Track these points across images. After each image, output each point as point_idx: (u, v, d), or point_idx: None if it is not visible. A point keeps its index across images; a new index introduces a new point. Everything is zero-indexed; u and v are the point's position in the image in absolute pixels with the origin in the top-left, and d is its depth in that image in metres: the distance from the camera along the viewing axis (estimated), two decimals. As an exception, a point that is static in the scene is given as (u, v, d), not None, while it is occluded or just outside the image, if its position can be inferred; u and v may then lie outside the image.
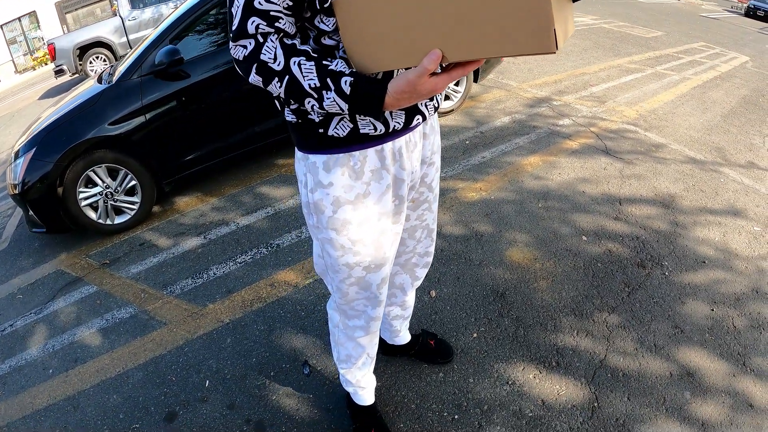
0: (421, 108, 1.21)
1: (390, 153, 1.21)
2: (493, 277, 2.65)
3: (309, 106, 1.04)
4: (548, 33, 0.78)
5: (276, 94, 1.05)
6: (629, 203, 3.26)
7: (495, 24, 0.81)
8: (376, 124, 1.13)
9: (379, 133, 1.15)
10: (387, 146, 1.19)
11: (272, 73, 1.01)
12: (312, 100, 1.01)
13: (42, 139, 3.43)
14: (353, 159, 1.18)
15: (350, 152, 1.17)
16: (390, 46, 0.95)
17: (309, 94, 1.00)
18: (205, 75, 3.62)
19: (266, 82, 1.03)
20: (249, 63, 1.02)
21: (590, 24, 9.85)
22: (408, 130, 1.22)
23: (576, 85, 5.68)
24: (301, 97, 1.02)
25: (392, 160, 1.22)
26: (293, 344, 2.38)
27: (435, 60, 0.86)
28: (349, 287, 1.40)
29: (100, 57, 10.22)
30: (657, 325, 2.30)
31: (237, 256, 3.14)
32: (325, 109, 1.02)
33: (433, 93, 0.95)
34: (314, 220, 1.30)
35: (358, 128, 1.13)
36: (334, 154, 1.17)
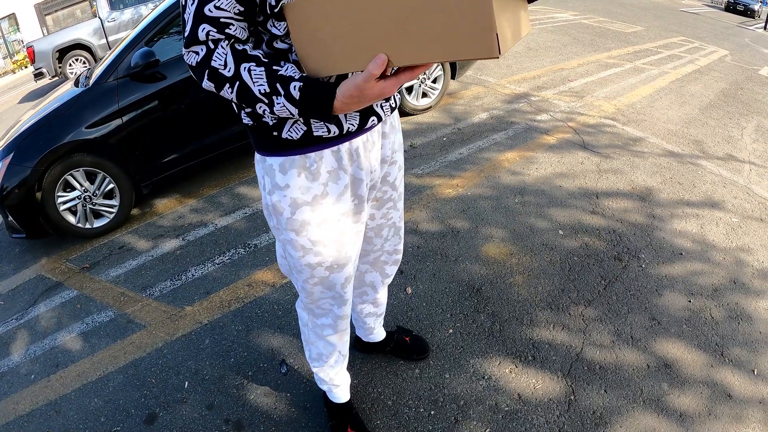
0: (377, 109, 1.22)
1: (347, 153, 1.21)
2: (469, 272, 2.67)
3: (261, 111, 1.05)
4: (490, 37, 0.78)
5: (228, 99, 1.06)
6: (606, 197, 3.29)
7: (438, 29, 0.82)
8: (330, 127, 1.14)
9: (333, 135, 1.16)
10: (343, 147, 1.20)
11: (223, 79, 1.02)
12: (263, 105, 1.02)
13: (19, 144, 3.40)
14: (309, 160, 1.19)
15: (306, 154, 1.18)
16: (339, 51, 0.96)
17: (259, 100, 1.02)
18: (182, 76, 3.61)
19: (218, 87, 1.04)
20: (201, 69, 1.03)
21: (570, 20, 9.91)
22: (364, 131, 1.23)
23: (554, 81, 5.72)
24: (252, 102, 1.03)
25: (349, 161, 1.23)
26: (271, 344, 2.38)
27: (380, 65, 0.88)
28: (314, 287, 1.41)
29: (79, 59, 10.13)
30: (634, 318, 2.33)
31: (215, 257, 3.14)
32: (276, 113, 1.04)
33: (382, 97, 0.96)
34: (274, 222, 1.31)
35: (311, 131, 1.14)
36: (289, 156, 1.18)
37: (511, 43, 0.86)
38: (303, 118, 1.06)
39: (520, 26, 0.92)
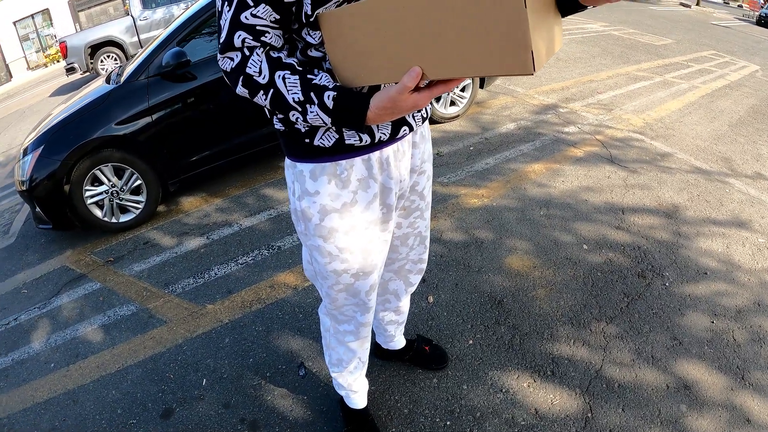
0: (408, 119, 1.22)
1: (377, 162, 1.22)
2: (492, 284, 2.65)
3: (294, 118, 1.05)
4: (525, 55, 0.77)
5: (262, 105, 1.07)
6: (632, 212, 3.25)
7: (473, 45, 0.82)
8: (362, 135, 1.15)
9: (365, 143, 1.16)
10: (374, 155, 1.20)
11: (258, 86, 1.02)
12: (296, 113, 1.02)
13: (50, 138, 3.48)
14: (340, 168, 1.19)
15: (337, 161, 1.18)
16: (373, 62, 0.96)
17: (293, 107, 1.02)
18: (212, 77, 3.65)
19: (252, 94, 1.05)
20: (236, 75, 1.04)
21: (599, 31, 9.82)
22: (395, 141, 1.23)
23: (583, 93, 5.67)
24: (285, 109, 1.03)
25: (379, 169, 1.23)
26: (290, 346, 2.39)
27: (414, 77, 0.87)
28: (338, 293, 1.42)
29: (111, 56, 10.31)
30: (655, 337, 2.29)
31: (238, 257, 3.17)
32: (309, 122, 1.04)
33: (415, 108, 0.96)
34: (302, 227, 1.31)
35: (343, 139, 1.14)
36: (320, 162, 1.19)
37: (545, 59, 0.85)
38: (335, 127, 1.06)
39: (553, 41, 0.92)
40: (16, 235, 4.43)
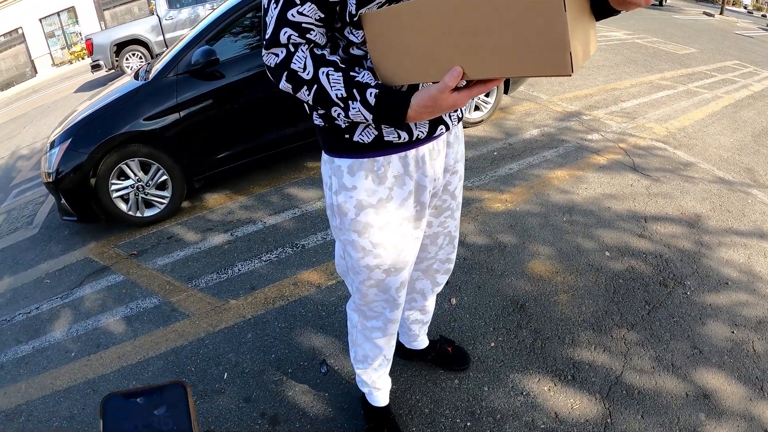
0: (445, 118, 1.24)
1: (413, 160, 1.24)
2: (514, 288, 2.66)
3: (335, 114, 1.07)
4: (564, 56, 0.79)
5: (305, 101, 1.10)
6: (654, 221, 3.23)
7: (512, 45, 0.83)
8: (400, 133, 1.17)
9: (403, 140, 1.18)
10: (410, 153, 1.23)
11: (302, 81, 1.05)
12: (338, 109, 1.05)
13: (78, 131, 3.54)
14: (377, 164, 1.22)
15: (374, 157, 1.21)
16: (414, 61, 0.98)
17: (336, 103, 1.04)
18: (240, 76, 3.70)
19: (296, 89, 1.07)
20: (280, 71, 1.06)
21: (623, 39, 9.76)
22: (431, 139, 1.25)
23: (607, 100, 5.64)
24: (328, 105, 1.06)
25: (415, 167, 1.25)
26: (312, 343, 2.42)
27: (456, 77, 0.89)
28: (369, 289, 1.44)
29: (136, 54, 10.46)
30: (676, 345, 2.28)
31: (262, 254, 3.20)
32: (350, 118, 1.06)
33: (455, 108, 0.98)
34: (337, 222, 1.34)
35: (382, 135, 1.17)
36: (358, 158, 1.21)
37: (582, 61, 0.86)
38: (376, 124, 1.09)
39: (589, 44, 0.93)
40: (39, 226, 4.50)
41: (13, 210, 5.21)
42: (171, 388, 0.44)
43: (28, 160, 7.05)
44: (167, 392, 0.44)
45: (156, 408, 0.43)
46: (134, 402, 0.44)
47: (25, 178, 6.24)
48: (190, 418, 0.43)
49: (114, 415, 0.43)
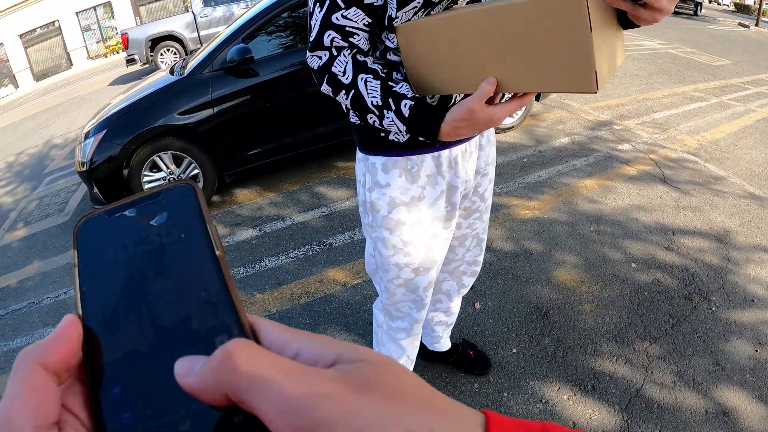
0: None
1: (446, 160, 1.26)
2: (539, 295, 2.66)
3: (371, 121, 1.10)
4: (589, 75, 0.82)
5: (343, 105, 1.12)
6: (682, 234, 3.20)
7: (539, 62, 0.86)
8: None
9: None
10: (443, 153, 1.25)
11: (340, 85, 1.08)
12: (373, 116, 1.07)
13: (113, 122, 3.63)
14: (411, 162, 1.24)
15: (408, 156, 1.24)
16: (446, 73, 1.01)
17: (371, 110, 1.07)
18: (273, 75, 3.76)
19: (335, 92, 1.10)
20: (322, 73, 1.09)
21: (657, 49, 9.64)
22: (464, 140, 1.28)
23: (638, 110, 5.59)
24: (363, 111, 1.08)
25: (448, 167, 1.28)
26: (336, 340, 2.45)
27: (492, 84, 0.91)
28: (397, 288, 1.46)
29: (170, 50, 10.65)
30: (698, 360, 2.26)
31: (290, 250, 3.25)
32: (384, 126, 1.08)
33: (491, 124, 0.99)
34: (369, 219, 1.37)
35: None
36: (393, 156, 1.24)
37: (609, 77, 0.89)
38: (409, 135, 1.09)
39: (616, 57, 0.95)
40: (71, 213, 4.63)
41: (46, 197, 5.36)
42: (171, 191, 0.31)
43: (62, 149, 7.22)
44: (167, 197, 0.31)
45: (153, 217, 0.30)
46: (121, 217, 0.30)
47: (58, 166, 6.40)
48: (203, 220, 0.29)
49: (94, 239, 0.30)
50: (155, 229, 0.30)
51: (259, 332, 0.26)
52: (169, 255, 0.29)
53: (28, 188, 5.89)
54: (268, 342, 0.25)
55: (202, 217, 0.30)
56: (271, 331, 0.26)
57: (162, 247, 0.29)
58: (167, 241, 0.29)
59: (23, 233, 4.55)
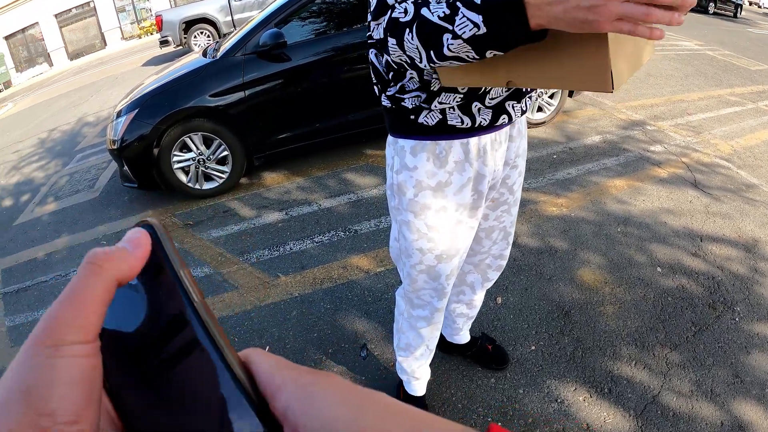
0: (508, 109, 1.25)
1: (474, 148, 1.26)
2: (561, 294, 2.65)
3: (445, 41, 0.92)
4: (605, 75, 0.83)
5: (410, 51, 1.00)
6: (710, 241, 3.15)
7: (557, 59, 0.88)
8: (463, 117, 1.20)
9: (466, 126, 1.21)
10: (472, 141, 1.25)
11: (403, 26, 0.97)
12: (446, 34, 0.90)
13: (145, 102, 3.69)
14: (439, 147, 1.25)
15: (437, 141, 1.25)
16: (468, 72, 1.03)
17: (440, 28, 0.91)
18: (305, 60, 3.77)
19: (400, 41, 0.99)
20: (385, 34, 1.03)
21: (694, 49, 9.41)
22: (493, 129, 1.27)
23: (672, 112, 5.48)
24: (433, 35, 0.93)
25: (476, 155, 1.28)
26: (355, 327, 2.48)
27: None
28: (419, 274, 1.47)
29: (204, 32, 10.73)
30: (717, 371, 2.22)
31: (315, 235, 3.29)
32: (460, 36, 0.89)
33: (594, 11, 0.76)
34: (395, 202, 1.38)
35: (446, 119, 1.20)
36: (421, 140, 1.25)
37: (627, 76, 0.89)
38: (490, 29, 0.85)
39: (641, 55, 0.95)
40: (100, 190, 4.72)
41: (76, 173, 5.47)
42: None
43: (94, 127, 7.35)
44: None
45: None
46: None
47: (89, 144, 6.52)
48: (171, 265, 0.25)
49: None
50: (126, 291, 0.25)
51: (255, 375, 0.25)
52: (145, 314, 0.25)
53: (59, 164, 6.02)
54: (262, 388, 0.25)
55: (171, 265, 0.26)
56: (265, 374, 0.25)
57: (135, 306, 0.26)
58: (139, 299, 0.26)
59: (53, 207, 4.66)
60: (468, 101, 1.19)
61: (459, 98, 1.18)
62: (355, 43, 3.82)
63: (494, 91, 1.19)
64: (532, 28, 0.81)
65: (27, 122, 9.61)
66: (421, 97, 1.20)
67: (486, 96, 1.19)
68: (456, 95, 1.17)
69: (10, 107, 13.47)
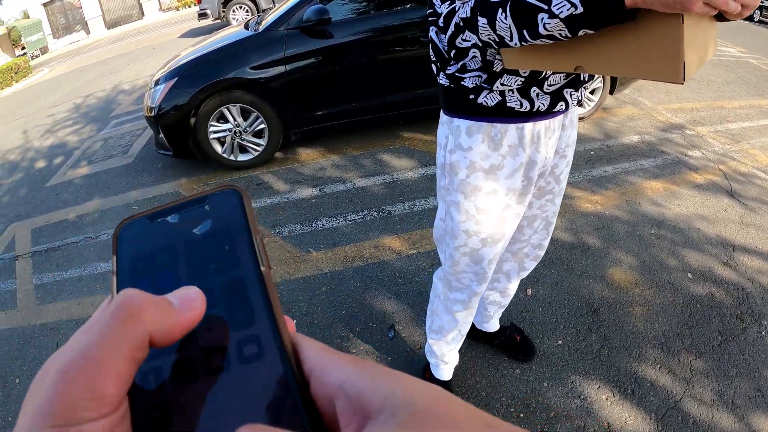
0: (566, 96, 1.25)
1: (529, 134, 1.27)
2: (591, 291, 2.64)
3: (540, 21, 0.93)
4: (677, 65, 0.82)
5: (501, 31, 1.00)
6: (742, 252, 3.11)
7: (630, 46, 0.87)
8: (523, 101, 1.20)
9: (525, 110, 1.21)
10: (527, 126, 1.25)
11: (495, 5, 0.98)
12: (541, 13, 0.92)
13: (185, 71, 3.71)
14: (495, 130, 1.25)
15: (493, 123, 1.25)
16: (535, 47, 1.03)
17: (536, 7, 0.92)
18: (347, 39, 3.76)
19: (491, 20, 1.00)
20: (473, 11, 1.04)
21: (737, 56, 9.19)
22: (550, 115, 1.27)
23: (712, 118, 5.38)
24: (528, 15, 0.94)
25: (530, 141, 1.28)
26: (384, 307, 2.50)
27: None
28: (462, 257, 1.47)
29: (243, 7, 10.75)
30: (740, 383, 2.21)
31: (348, 213, 3.31)
32: (557, 16, 0.90)
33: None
34: (446, 182, 1.38)
35: (505, 101, 1.20)
36: (478, 121, 1.25)
37: (696, 68, 0.89)
38: (587, 8, 0.86)
39: (707, 49, 0.94)
40: (134, 156, 4.79)
41: (110, 138, 5.55)
42: (217, 196, 0.28)
43: (129, 95, 7.44)
44: (212, 203, 0.28)
45: (196, 225, 0.28)
46: (163, 223, 0.28)
47: (124, 111, 6.60)
48: (250, 231, 0.27)
49: (134, 245, 0.28)
50: (198, 238, 0.27)
51: (301, 353, 0.23)
52: (210, 271, 0.26)
53: (93, 129, 6.11)
54: (309, 366, 0.23)
55: (249, 229, 0.27)
56: (314, 354, 0.23)
57: (203, 259, 0.26)
58: (209, 254, 0.27)
59: (86, 171, 4.74)
60: (527, 85, 1.19)
61: (520, 81, 1.18)
62: (396, 25, 3.80)
63: (553, 78, 1.19)
64: (627, 6, 0.82)
65: (62, 87, 9.75)
66: (481, 77, 1.20)
67: (545, 82, 1.19)
68: (517, 78, 1.18)
69: (46, 72, 13.69)
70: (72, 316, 2.77)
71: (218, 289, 0.25)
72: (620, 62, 0.90)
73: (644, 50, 0.86)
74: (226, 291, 0.25)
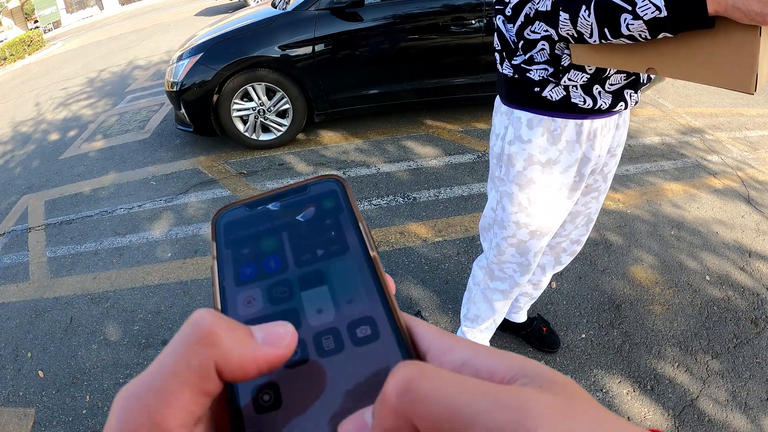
0: (626, 96, 1.26)
1: (586, 130, 1.28)
2: (613, 287, 2.67)
3: (623, 22, 0.95)
4: (750, 76, 0.84)
5: (581, 27, 1.02)
6: (759, 258, 3.13)
7: (702, 53, 0.88)
8: (586, 98, 1.21)
9: (587, 107, 1.22)
10: (586, 123, 1.27)
11: (579, 2, 0.99)
12: (625, 14, 0.93)
13: (210, 47, 3.68)
14: (555, 124, 1.27)
15: (554, 117, 1.26)
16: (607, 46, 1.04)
17: (620, 8, 0.93)
18: (378, 23, 3.73)
19: (573, 16, 1.01)
20: (555, 5, 1.04)
21: (752, 65, 9.21)
22: (609, 114, 1.29)
23: (731, 124, 5.38)
24: (612, 14, 0.95)
25: (586, 138, 1.30)
26: (410, 293, 2.52)
27: None
28: (509, 247, 1.49)
29: (262, -15, 10.65)
30: (753, 385, 2.24)
31: (372, 198, 3.31)
32: (641, 18, 0.92)
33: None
34: (501, 172, 1.40)
35: (569, 96, 1.21)
36: (539, 114, 1.27)
37: (764, 81, 0.90)
38: (671, 12, 0.88)
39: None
40: (151, 132, 4.76)
41: (126, 113, 5.52)
42: (318, 185, 0.28)
43: (145, 70, 7.38)
44: (313, 191, 0.28)
45: (298, 212, 0.27)
46: (264, 210, 0.28)
47: (140, 86, 6.55)
48: (355, 218, 0.26)
49: (234, 232, 0.27)
50: (302, 225, 0.27)
51: (415, 336, 0.22)
52: (319, 255, 0.26)
53: (108, 103, 6.07)
54: (424, 347, 0.22)
55: (354, 215, 0.27)
56: (427, 334, 0.22)
57: (310, 246, 0.26)
58: (315, 239, 0.26)
59: (101, 145, 4.71)
60: (590, 83, 1.20)
61: (585, 78, 1.19)
62: (427, 12, 3.75)
63: (614, 77, 1.20)
64: (709, 13, 0.84)
65: (76, 61, 9.69)
66: (548, 70, 1.21)
67: (606, 81, 1.20)
68: (583, 75, 1.19)
69: (59, 46, 13.61)
70: (87, 290, 2.76)
71: (328, 273, 0.25)
72: (692, 67, 0.92)
73: (718, 58, 0.87)
74: (337, 274, 0.25)
